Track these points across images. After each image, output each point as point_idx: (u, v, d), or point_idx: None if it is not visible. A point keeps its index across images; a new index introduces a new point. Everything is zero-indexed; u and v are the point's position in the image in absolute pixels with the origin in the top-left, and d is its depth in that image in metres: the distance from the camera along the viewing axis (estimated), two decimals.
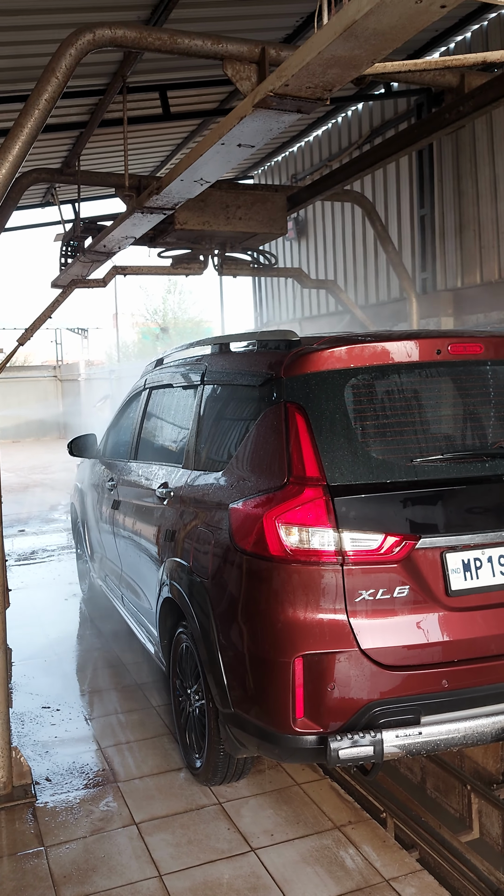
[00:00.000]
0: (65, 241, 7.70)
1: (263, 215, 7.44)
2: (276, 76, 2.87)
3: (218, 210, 7.23)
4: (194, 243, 7.98)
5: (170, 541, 3.77)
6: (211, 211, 7.21)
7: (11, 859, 3.12)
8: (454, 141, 8.50)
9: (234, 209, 7.28)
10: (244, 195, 7.46)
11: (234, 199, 7.36)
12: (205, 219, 7.18)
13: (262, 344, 3.54)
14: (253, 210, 7.38)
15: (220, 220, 7.23)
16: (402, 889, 2.84)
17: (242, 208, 7.33)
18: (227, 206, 7.24)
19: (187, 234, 7.50)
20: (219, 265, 8.51)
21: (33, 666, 5.23)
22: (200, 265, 8.42)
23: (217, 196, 7.27)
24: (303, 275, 9.09)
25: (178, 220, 7.08)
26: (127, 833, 3.25)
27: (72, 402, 28.68)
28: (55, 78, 3.60)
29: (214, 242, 8.05)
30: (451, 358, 3.23)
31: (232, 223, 7.30)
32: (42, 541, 9.71)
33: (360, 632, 2.81)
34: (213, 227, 7.24)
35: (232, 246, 8.16)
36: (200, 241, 7.94)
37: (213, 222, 7.22)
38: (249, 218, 7.35)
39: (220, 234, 7.59)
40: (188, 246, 8.04)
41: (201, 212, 7.15)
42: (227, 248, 8.20)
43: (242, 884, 2.90)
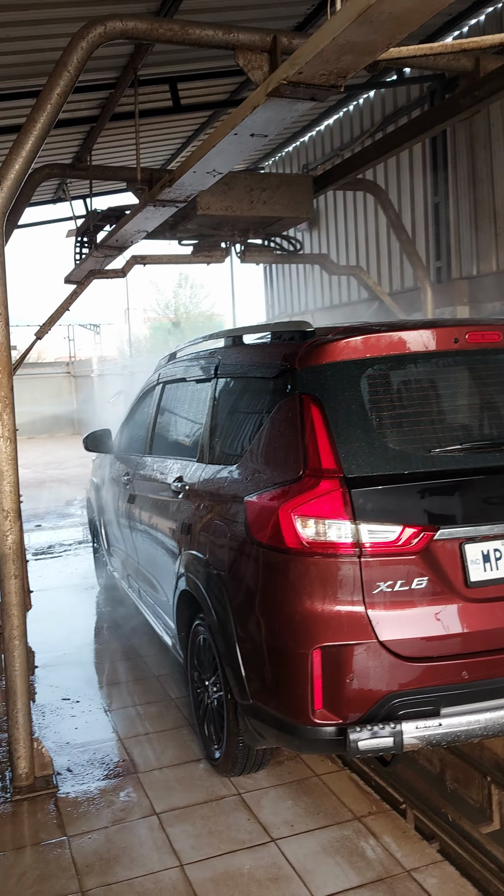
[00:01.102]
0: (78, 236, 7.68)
1: (289, 199, 7.26)
2: (290, 64, 2.84)
3: (242, 194, 7.06)
4: (216, 230, 7.79)
5: (186, 534, 3.78)
6: (234, 195, 7.04)
7: (35, 849, 3.15)
8: (468, 127, 8.42)
9: (259, 192, 7.10)
10: (269, 178, 7.28)
11: (258, 182, 7.17)
12: (228, 203, 7.01)
13: (276, 335, 3.52)
14: (278, 193, 7.20)
15: (243, 204, 7.05)
16: (424, 880, 2.83)
17: (267, 191, 7.15)
18: (251, 190, 7.08)
19: (209, 220, 7.33)
20: (241, 252, 8.31)
21: (52, 658, 5.26)
22: (222, 253, 8.22)
23: (241, 179, 7.10)
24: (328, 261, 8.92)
25: (200, 206, 6.92)
26: (147, 823, 3.27)
27: (85, 398, 28.78)
28: (67, 72, 3.59)
29: (237, 228, 7.86)
30: (469, 346, 3.21)
31: (256, 207, 7.13)
32: (58, 535, 9.76)
33: (378, 623, 2.80)
34: (237, 212, 7.07)
35: (255, 232, 7.99)
36: (223, 228, 7.75)
37: (237, 207, 7.04)
38: (274, 202, 7.18)
39: (243, 220, 7.43)
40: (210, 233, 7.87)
41: (224, 196, 6.98)
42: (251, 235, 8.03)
43: (263, 874, 2.91)
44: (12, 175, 3.44)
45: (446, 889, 2.78)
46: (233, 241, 8.17)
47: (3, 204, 3.44)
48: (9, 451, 3.54)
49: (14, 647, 3.59)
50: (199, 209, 6.91)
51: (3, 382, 3.51)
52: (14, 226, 6.91)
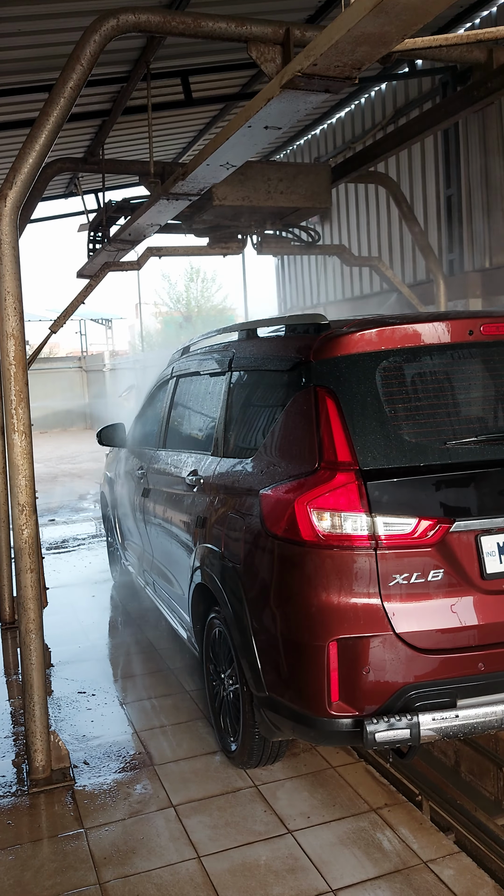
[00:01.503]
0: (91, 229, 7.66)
1: (306, 188, 7.10)
2: (304, 56, 2.83)
3: (258, 184, 6.92)
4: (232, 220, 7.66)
5: (201, 527, 3.79)
6: (251, 185, 6.89)
7: (52, 841, 3.17)
8: (480, 119, 8.36)
9: (276, 182, 6.97)
10: (286, 167, 7.13)
11: (275, 171, 7.03)
12: (244, 193, 6.87)
13: (290, 328, 3.52)
14: (296, 183, 7.05)
15: (260, 194, 6.92)
16: (441, 871, 2.84)
17: (284, 181, 7.01)
18: (268, 180, 6.94)
19: (226, 211, 7.20)
20: (258, 243, 8.15)
21: (68, 652, 5.29)
22: (239, 244, 8.08)
23: (258, 169, 6.96)
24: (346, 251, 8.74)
25: (216, 196, 6.79)
26: (164, 815, 3.29)
27: (97, 393, 28.88)
28: (80, 65, 3.59)
29: (253, 219, 7.73)
30: (484, 338, 3.19)
31: (273, 198, 6.98)
32: (72, 529, 9.80)
33: (394, 615, 2.81)
34: (254, 203, 6.93)
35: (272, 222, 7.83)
36: (239, 218, 7.61)
37: (254, 197, 6.90)
38: (291, 192, 7.04)
39: (260, 210, 7.31)
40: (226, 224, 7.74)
41: (241, 186, 6.84)
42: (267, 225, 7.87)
43: (280, 865, 2.92)
44: (26, 169, 3.45)
45: (463, 880, 2.79)
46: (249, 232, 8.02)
47: (16, 198, 3.45)
48: (24, 446, 3.56)
49: (30, 640, 3.61)
50: (215, 200, 6.79)
51: (17, 377, 3.53)
52: (27, 220, 6.93)
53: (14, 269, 3.49)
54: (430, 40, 2.93)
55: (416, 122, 6.35)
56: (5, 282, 3.46)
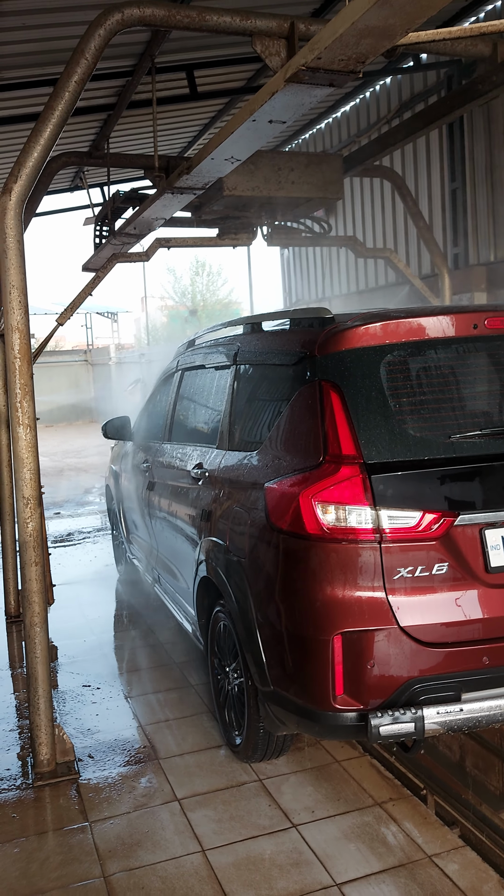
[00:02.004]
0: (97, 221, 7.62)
1: (318, 178, 6.96)
2: (309, 49, 2.82)
3: (269, 174, 6.79)
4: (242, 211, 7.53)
5: (206, 521, 3.79)
6: (262, 175, 6.76)
7: (57, 834, 3.19)
8: (485, 112, 8.32)
9: (287, 172, 6.83)
10: (297, 157, 7.00)
11: (286, 161, 6.90)
12: (255, 184, 6.73)
13: (295, 322, 3.52)
14: (307, 172, 6.92)
15: (271, 184, 6.79)
16: (446, 865, 2.84)
17: (296, 171, 6.87)
18: (279, 169, 6.81)
19: (236, 202, 7.08)
20: (268, 235, 8.01)
21: (73, 646, 5.31)
22: (249, 235, 7.93)
23: (268, 158, 6.83)
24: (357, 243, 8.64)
25: (226, 187, 6.66)
26: (169, 809, 3.30)
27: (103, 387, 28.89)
28: (84, 59, 3.58)
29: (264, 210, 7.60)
30: (488, 332, 3.19)
31: (284, 188, 6.85)
32: (77, 523, 9.83)
33: (399, 609, 2.80)
34: (264, 193, 6.80)
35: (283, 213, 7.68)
36: (249, 209, 7.49)
37: (264, 187, 6.77)
38: (303, 182, 6.90)
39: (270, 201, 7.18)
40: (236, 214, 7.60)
41: (251, 176, 6.71)
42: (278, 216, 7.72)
43: (285, 859, 2.93)
44: (31, 163, 3.45)
45: (468, 874, 2.79)
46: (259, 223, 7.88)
47: (21, 192, 3.45)
48: (28, 439, 3.56)
49: (35, 634, 3.62)
50: (226, 190, 6.66)
51: (22, 370, 3.53)
52: (32, 214, 6.93)
53: (19, 263, 3.49)
54: (434, 34, 2.91)
55: (422, 115, 6.33)
56: (10, 275, 3.46)
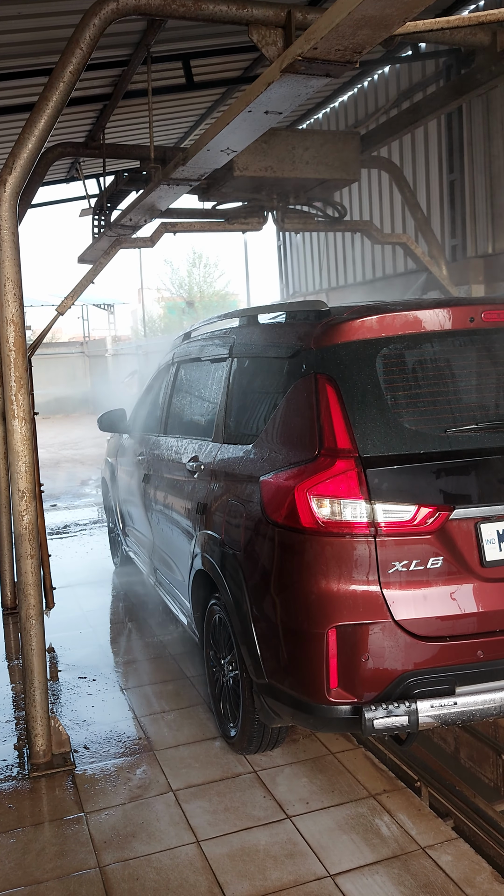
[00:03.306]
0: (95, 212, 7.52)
1: (334, 158, 6.56)
2: (305, 39, 2.80)
3: (283, 153, 6.32)
4: (253, 193, 7.11)
5: (201, 514, 3.79)
6: (275, 154, 6.32)
7: (53, 825, 3.20)
8: (484, 103, 8.28)
9: (302, 151, 6.45)
10: (313, 135, 6.61)
11: (301, 139, 6.52)
12: (268, 163, 6.34)
13: (291, 315, 3.51)
14: (323, 152, 6.52)
15: (284, 164, 6.42)
16: (439, 857, 2.86)
17: (311, 150, 6.48)
18: (292, 149, 6.44)
19: (247, 183, 6.69)
20: (280, 218, 7.57)
21: (69, 638, 5.31)
22: (259, 220, 7.52)
23: (282, 137, 6.41)
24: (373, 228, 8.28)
25: (237, 167, 6.29)
26: (164, 800, 3.31)
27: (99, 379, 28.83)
28: (79, 49, 3.55)
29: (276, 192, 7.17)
30: (485, 325, 3.18)
31: (298, 168, 6.46)
32: (74, 515, 9.82)
33: (393, 603, 2.81)
34: (277, 174, 6.41)
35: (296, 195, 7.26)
36: (261, 191, 7.09)
37: (277, 167, 6.38)
38: (318, 161, 6.51)
39: (283, 182, 6.79)
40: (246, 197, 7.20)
41: (264, 155, 6.25)
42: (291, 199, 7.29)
43: (279, 850, 2.94)
44: (25, 154, 3.43)
45: (461, 866, 2.80)
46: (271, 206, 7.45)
47: (16, 183, 3.43)
48: (24, 432, 3.55)
49: (31, 626, 3.62)
50: (236, 170, 6.30)
51: (17, 363, 3.52)
52: (27, 205, 6.88)
53: (14, 255, 3.47)
54: (431, 23, 2.89)
55: (421, 105, 6.29)
56: (5, 268, 3.44)
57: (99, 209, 7.45)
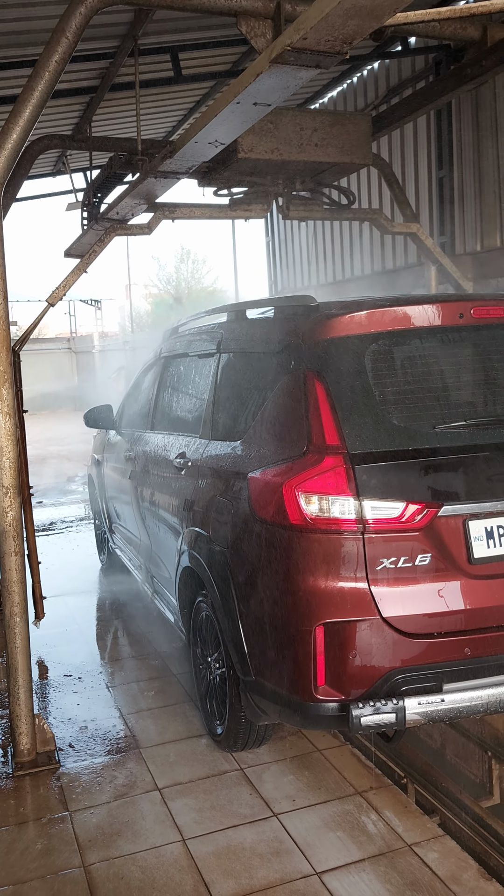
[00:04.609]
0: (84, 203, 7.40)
1: (344, 140, 6.18)
2: (294, 29, 2.77)
3: (290, 134, 5.95)
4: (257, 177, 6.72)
5: (188, 510, 3.76)
6: (282, 135, 5.93)
7: (37, 824, 3.16)
8: (474, 99, 8.27)
9: (310, 133, 6.06)
10: (322, 115, 6.23)
11: (309, 120, 6.11)
12: (274, 145, 5.91)
13: (279, 310, 3.48)
14: (332, 133, 6.13)
15: (292, 146, 6.03)
16: (425, 854, 2.85)
17: (319, 131, 6.08)
18: (300, 129, 6.04)
19: (250, 166, 6.32)
20: (285, 205, 7.18)
21: (54, 635, 5.27)
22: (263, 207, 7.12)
23: (290, 116, 5.99)
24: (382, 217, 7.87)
25: (241, 148, 5.92)
26: (150, 798, 3.28)
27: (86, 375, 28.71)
28: (65, 38, 3.50)
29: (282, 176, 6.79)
30: (474, 322, 3.17)
31: (306, 150, 6.08)
32: (60, 512, 9.76)
33: (381, 600, 2.79)
34: (284, 156, 6.04)
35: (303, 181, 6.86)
36: (265, 175, 6.70)
37: (284, 150, 6.01)
38: (327, 144, 6.13)
39: (290, 165, 6.40)
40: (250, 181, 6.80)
41: (270, 136, 5.88)
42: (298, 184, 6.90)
43: (265, 848, 2.92)
44: (10, 144, 3.38)
45: (447, 863, 2.80)
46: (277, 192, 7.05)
47: (0, 174, 3.38)
48: (8, 427, 3.51)
49: (15, 624, 3.58)
50: (241, 152, 5.93)
51: (1, 357, 3.47)
52: (12, 198, 6.79)
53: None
54: (421, 14, 2.87)
55: (410, 99, 6.26)
56: None
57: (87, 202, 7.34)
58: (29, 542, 3.86)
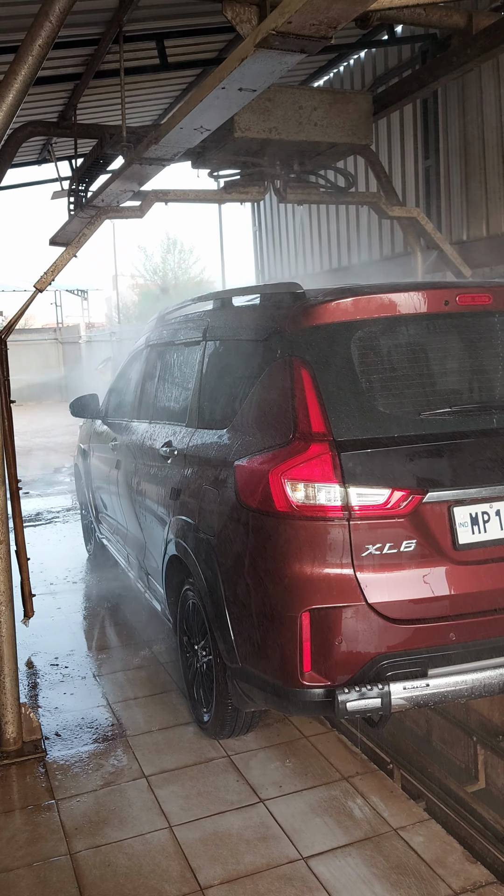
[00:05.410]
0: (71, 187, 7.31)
1: (344, 119, 5.93)
2: (279, 13, 2.75)
3: (289, 113, 5.72)
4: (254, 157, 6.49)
5: (175, 499, 3.75)
6: (280, 114, 5.70)
7: (23, 812, 3.16)
8: (460, 88, 8.27)
9: (310, 111, 5.84)
10: (322, 93, 5.97)
11: (309, 98, 5.84)
12: (272, 124, 5.69)
13: (265, 297, 3.47)
14: (332, 113, 5.87)
15: (290, 125, 5.76)
16: (411, 838, 2.87)
17: (319, 110, 5.82)
18: (300, 108, 5.82)
19: (247, 146, 6.10)
20: (282, 188, 6.95)
21: (41, 625, 5.25)
22: (259, 190, 6.87)
23: (288, 94, 5.77)
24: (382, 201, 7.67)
25: (238, 127, 5.62)
26: (137, 786, 3.29)
27: (73, 365, 28.56)
28: (48, 22, 3.46)
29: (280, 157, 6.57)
30: (460, 309, 3.17)
31: (305, 130, 5.81)
32: (46, 503, 9.73)
33: (366, 586, 2.80)
34: (282, 136, 5.78)
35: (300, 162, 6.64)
36: (262, 156, 6.47)
37: (283, 129, 5.75)
38: (327, 123, 5.92)
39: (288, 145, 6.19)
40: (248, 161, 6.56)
41: (268, 115, 5.66)
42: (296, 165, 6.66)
43: (252, 834, 2.93)
44: None
45: (433, 847, 2.82)
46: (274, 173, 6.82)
47: None
48: None
49: (1, 612, 3.57)
50: (237, 131, 5.65)
51: None
52: None
53: None
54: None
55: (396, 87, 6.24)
56: None
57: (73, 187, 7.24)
58: (17, 538, 3.84)
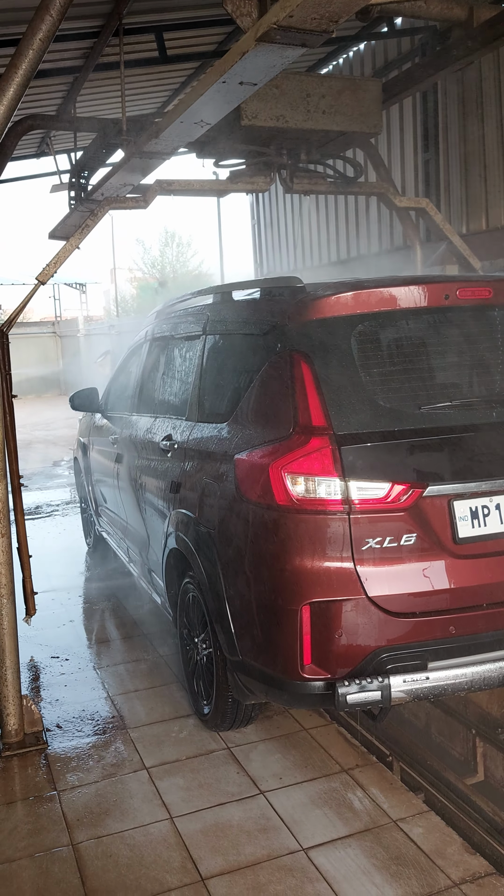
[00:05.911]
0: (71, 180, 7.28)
1: (353, 107, 5.82)
2: (280, 7, 2.75)
3: (297, 100, 5.64)
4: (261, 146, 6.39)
5: (175, 493, 3.76)
6: (287, 101, 5.63)
7: (25, 803, 3.18)
8: (460, 81, 8.25)
9: (318, 99, 5.70)
10: (331, 81, 5.84)
11: (317, 85, 5.74)
12: (280, 112, 5.60)
13: (265, 291, 3.47)
14: (341, 100, 5.77)
15: (298, 113, 5.68)
16: (410, 829, 2.89)
17: (327, 98, 5.72)
18: (307, 96, 5.67)
19: (254, 135, 6.01)
20: (288, 177, 6.79)
21: (42, 618, 5.25)
22: (266, 179, 6.73)
23: (296, 81, 5.68)
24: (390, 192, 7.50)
25: (245, 115, 5.55)
26: (138, 778, 3.31)
27: (72, 359, 28.54)
28: (49, 16, 3.45)
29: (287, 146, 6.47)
30: (460, 303, 3.18)
31: (313, 118, 5.73)
32: (46, 496, 9.74)
33: (367, 579, 2.81)
34: (290, 124, 5.68)
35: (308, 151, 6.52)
36: (269, 145, 6.36)
37: (290, 117, 5.66)
38: (336, 111, 5.76)
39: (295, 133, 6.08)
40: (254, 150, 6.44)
41: (275, 103, 5.58)
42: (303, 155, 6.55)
43: (252, 825, 2.95)
44: None
45: (432, 838, 2.84)
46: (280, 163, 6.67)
47: None
48: None
49: (2, 605, 3.58)
50: (244, 119, 5.56)
51: None
52: None
53: None
54: None
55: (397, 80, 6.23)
56: None
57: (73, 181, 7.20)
58: (19, 535, 3.85)
